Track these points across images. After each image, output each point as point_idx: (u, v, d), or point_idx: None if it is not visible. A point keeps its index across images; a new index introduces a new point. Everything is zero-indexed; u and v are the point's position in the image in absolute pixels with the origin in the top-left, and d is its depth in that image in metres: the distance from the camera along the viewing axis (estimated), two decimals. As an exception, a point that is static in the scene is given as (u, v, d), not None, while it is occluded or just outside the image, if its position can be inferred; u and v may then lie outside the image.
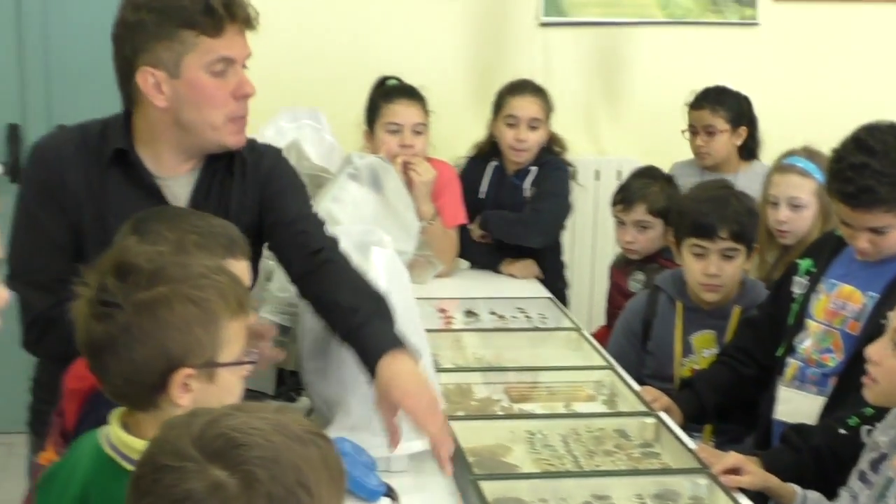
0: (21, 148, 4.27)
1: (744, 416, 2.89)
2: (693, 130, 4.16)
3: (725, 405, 2.89)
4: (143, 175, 2.27)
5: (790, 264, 2.86)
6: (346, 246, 2.32)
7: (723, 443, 2.83)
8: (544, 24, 4.66)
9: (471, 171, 3.95)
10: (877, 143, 2.45)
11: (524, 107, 3.86)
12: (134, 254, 1.55)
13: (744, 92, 4.18)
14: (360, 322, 2.14)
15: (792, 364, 2.68)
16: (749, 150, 4.18)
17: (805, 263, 2.77)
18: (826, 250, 2.73)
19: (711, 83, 4.16)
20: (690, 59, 4.75)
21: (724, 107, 4.10)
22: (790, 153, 3.44)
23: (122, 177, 2.27)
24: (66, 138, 2.33)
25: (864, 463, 2.14)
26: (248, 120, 2.31)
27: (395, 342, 2.11)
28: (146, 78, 2.21)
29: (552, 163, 3.91)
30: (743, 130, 4.13)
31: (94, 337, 1.52)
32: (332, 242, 2.33)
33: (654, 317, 3.16)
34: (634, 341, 3.20)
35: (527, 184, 3.86)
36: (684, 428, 2.60)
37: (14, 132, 4.30)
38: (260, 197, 2.35)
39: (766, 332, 2.84)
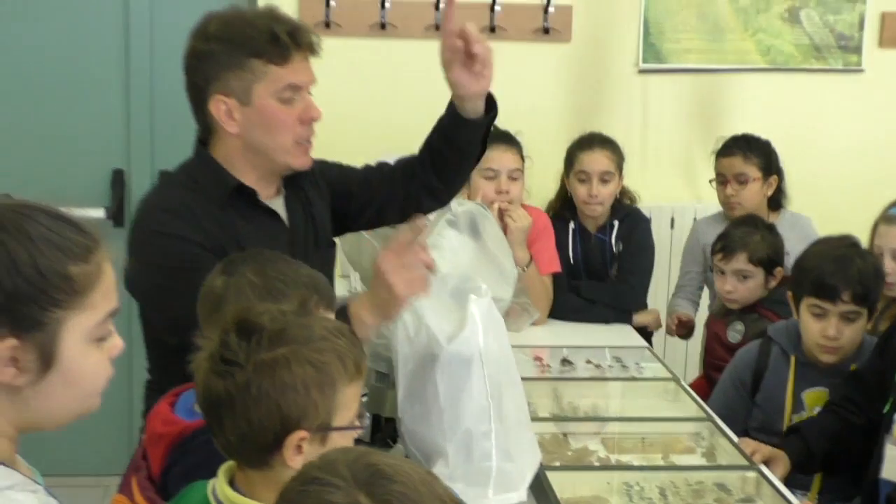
0: (126, 193, 4.35)
1: (852, 474, 2.80)
2: (721, 180, 3.97)
3: (834, 454, 2.79)
4: (258, 202, 2.37)
5: (896, 318, 2.79)
6: (443, 293, 2.33)
7: (829, 501, 2.74)
8: (643, 71, 4.63)
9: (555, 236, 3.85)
10: None
11: (595, 161, 3.84)
12: (257, 313, 1.56)
13: (850, 138, 4.06)
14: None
15: (899, 421, 2.60)
16: (776, 202, 4.00)
17: (912, 317, 2.70)
18: (935, 303, 2.66)
19: (815, 131, 4.07)
20: (793, 106, 4.67)
21: (755, 154, 3.92)
22: (896, 203, 3.37)
23: (240, 211, 2.35)
24: (171, 196, 2.37)
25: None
26: (314, 142, 2.42)
27: None
28: (219, 106, 2.30)
29: (634, 215, 3.91)
30: (774, 180, 3.95)
31: (213, 392, 1.52)
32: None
33: (766, 369, 3.07)
34: (743, 392, 3.11)
35: (613, 238, 3.85)
36: (789, 484, 2.54)
37: (119, 177, 4.38)
38: (326, 184, 2.56)
39: (872, 386, 2.75)
